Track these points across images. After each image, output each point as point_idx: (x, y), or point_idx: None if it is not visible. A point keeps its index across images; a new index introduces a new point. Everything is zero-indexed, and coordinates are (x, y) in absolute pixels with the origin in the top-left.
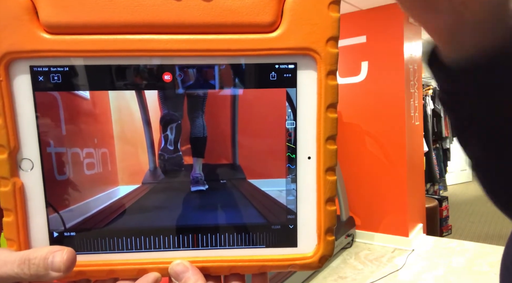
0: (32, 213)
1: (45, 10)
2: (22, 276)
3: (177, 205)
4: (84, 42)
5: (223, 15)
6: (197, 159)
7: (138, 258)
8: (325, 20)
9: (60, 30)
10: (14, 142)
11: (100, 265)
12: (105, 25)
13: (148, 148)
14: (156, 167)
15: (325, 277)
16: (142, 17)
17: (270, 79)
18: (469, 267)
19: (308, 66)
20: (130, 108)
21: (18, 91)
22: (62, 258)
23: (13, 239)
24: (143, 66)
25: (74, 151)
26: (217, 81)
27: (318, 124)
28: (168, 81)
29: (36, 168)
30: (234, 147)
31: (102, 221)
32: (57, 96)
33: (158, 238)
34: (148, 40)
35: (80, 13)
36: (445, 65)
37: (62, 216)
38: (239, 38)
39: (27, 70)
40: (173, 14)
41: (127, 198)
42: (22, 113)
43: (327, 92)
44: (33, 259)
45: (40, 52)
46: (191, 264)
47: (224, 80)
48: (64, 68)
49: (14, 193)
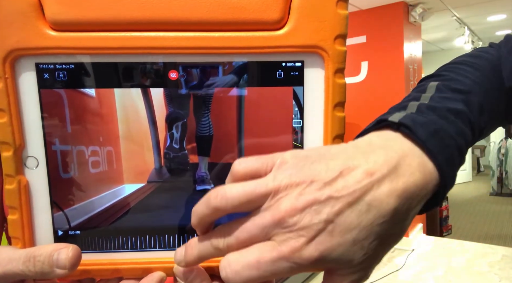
0: (37, 211)
1: (51, 7)
2: (27, 273)
3: (182, 204)
4: (89, 40)
5: (229, 13)
6: (203, 158)
7: (143, 257)
8: (333, 17)
9: (66, 27)
10: (20, 140)
11: (104, 264)
12: (111, 22)
13: (154, 147)
14: (161, 166)
15: None
16: (149, 14)
17: (277, 78)
18: (469, 267)
19: (316, 64)
20: (136, 106)
21: (23, 89)
22: (67, 256)
23: (18, 237)
24: (149, 64)
25: (79, 149)
26: (223, 80)
27: (326, 123)
28: (174, 79)
29: (41, 166)
30: (240, 146)
31: (107, 219)
32: (63, 94)
33: (163, 237)
34: (154, 38)
35: (86, 10)
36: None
37: (67, 214)
38: (246, 35)
39: (33, 68)
40: (179, 12)
41: (132, 196)
42: (27, 111)
43: (335, 91)
44: (38, 256)
45: (45, 49)
46: None
47: (230, 78)
48: (69, 66)
49: (19, 190)
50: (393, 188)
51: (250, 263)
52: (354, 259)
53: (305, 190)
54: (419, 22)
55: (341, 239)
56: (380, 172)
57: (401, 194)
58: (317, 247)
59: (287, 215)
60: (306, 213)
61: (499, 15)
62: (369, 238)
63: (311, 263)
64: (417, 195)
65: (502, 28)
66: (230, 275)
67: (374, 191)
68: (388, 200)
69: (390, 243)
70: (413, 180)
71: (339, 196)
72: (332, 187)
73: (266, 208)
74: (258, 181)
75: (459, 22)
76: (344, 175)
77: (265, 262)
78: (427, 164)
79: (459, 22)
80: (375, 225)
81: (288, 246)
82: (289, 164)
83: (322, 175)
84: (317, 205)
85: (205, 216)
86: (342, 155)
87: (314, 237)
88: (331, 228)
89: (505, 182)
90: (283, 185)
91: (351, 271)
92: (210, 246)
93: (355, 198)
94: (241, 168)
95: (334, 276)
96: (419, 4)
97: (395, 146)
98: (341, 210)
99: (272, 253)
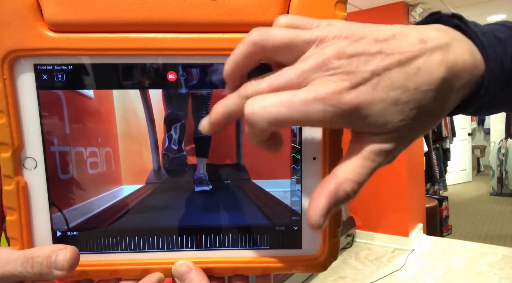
0: (36, 212)
1: (49, 8)
2: (26, 274)
3: (181, 205)
4: (88, 41)
5: (228, 14)
6: (201, 159)
7: (142, 258)
8: (332, 19)
9: (64, 28)
10: (18, 141)
11: (103, 265)
12: (110, 23)
13: (152, 147)
14: (160, 167)
15: (325, 277)
16: (147, 15)
17: None
18: (469, 267)
19: None
20: (134, 107)
21: (22, 90)
22: (65, 257)
23: (16, 238)
24: (147, 65)
25: (78, 149)
26: (222, 81)
27: None
28: (173, 80)
29: (40, 167)
30: (238, 147)
31: (106, 220)
32: (61, 95)
33: (162, 238)
34: (153, 39)
35: (84, 11)
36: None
37: (65, 215)
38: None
39: (31, 69)
40: (178, 13)
41: (131, 197)
42: (26, 112)
43: None
44: (37, 258)
45: (44, 50)
46: (195, 265)
47: None
48: (68, 67)
49: (18, 191)
50: (444, 58)
51: (280, 100)
52: (390, 122)
53: (355, 42)
54: None
55: (384, 94)
56: (433, 43)
57: (451, 66)
58: (358, 95)
59: (333, 57)
60: (354, 59)
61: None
62: (410, 103)
63: (347, 110)
64: (463, 74)
65: None
66: (257, 109)
67: (426, 57)
68: (438, 68)
69: (426, 121)
70: (463, 58)
71: (390, 53)
72: (383, 44)
73: (308, 55)
74: (304, 30)
75: None
76: (397, 37)
77: (298, 101)
78: (476, 52)
79: None
80: (420, 91)
81: (328, 87)
82: (337, 24)
83: (373, 33)
84: (366, 56)
85: (241, 58)
86: (392, 27)
87: (357, 85)
88: (376, 81)
89: (505, 182)
90: (331, 36)
91: (382, 139)
92: (237, 96)
93: (406, 58)
94: (284, 20)
95: (364, 142)
96: (419, 4)
97: (447, 31)
98: (390, 65)
99: (308, 94)
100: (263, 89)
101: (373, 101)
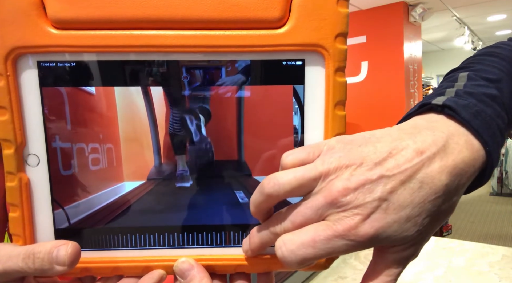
0: (38, 208)
1: (53, 5)
2: (27, 270)
3: (183, 202)
4: (91, 38)
5: (230, 11)
6: (180, 156)
7: (143, 255)
8: (334, 16)
9: (67, 25)
10: (21, 137)
11: (105, 261)
12: (112, 20)
13: (154, 144)
14: (161, 163)
15: (325, 277)
16: (149, 12)
17: (278, 76)
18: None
19: (316, 62)
20: (136, 103)
21: (25, 87)
22: (66, 252)
23: (18, 234)
24: (149, 62)
25: (80, 146)
26: (223, 79)
27: (326, 122)
28: (175, 77)
29: (42, 163)
30: (240, 144)
31: (107, 217)
32: (64, 92)
33: (163, 235)
34: (155, 36)
35: (87, 8)
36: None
37: (67, 212)
38: (247, 34)
39: (35, 66)
40: (180, 10)
41: (132, 194)
42: (29, 109)
43: (335, 89)
44: (38, 253)
45: (47, 47)
46: (197, 262)
47: (231, 77)
48: (71, 64)
49: (20, 188)
50: (443, 165)
51: (305, 242)
52: (408, 236)
53: (356, 171)
54: (419, 22)
55: (396, 216)
56: (429, 151)
57: (451, 170)
58: (373, 224)
59: (340, 195)
60: (359, 192)
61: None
62: (422, 215)
63: (366, 240)
64: (466, 171)
65: (502, 28)
66: (286, 253)
67: (425, 169)
68: (439, 177)
69: (441, 219)
70: (461, 157)
71: (391, 175)
72: (383, 167)
73: (317, 191)
74: (307, 166)
75: (459, 22)
76: (393, 154)
77: (320, 241)
78: (474, 142)
79: (459, 22)
80: (428, 202)
81: (343, 224)
82: (336, 149)
83: (371, 156)
84: (370, 184)
85: (261, 204)
86: (388, 137)
87: (369, 215)
88: (385, 206)
89: (505, 182)
90: (333, 168)
91: (403, 248)
92: (269, 233)
93: (407, 176)
94: (289, 160)
95: (386, 254)
96: (419, 4)
97: (441, 127)
98: (394, 188)
99: (327, 231)
100: (288, 228)
101: (388, 224)
